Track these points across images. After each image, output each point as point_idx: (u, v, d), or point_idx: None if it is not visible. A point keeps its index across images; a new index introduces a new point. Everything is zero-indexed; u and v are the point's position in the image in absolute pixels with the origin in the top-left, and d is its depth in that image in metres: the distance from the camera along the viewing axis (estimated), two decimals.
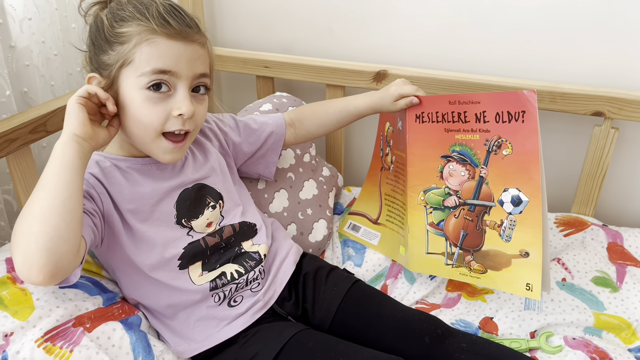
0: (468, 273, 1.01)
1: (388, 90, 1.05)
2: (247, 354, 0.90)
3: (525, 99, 0.87)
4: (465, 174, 0.97)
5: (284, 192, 1.21)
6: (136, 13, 0.83)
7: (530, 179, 0.89)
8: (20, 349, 0.78)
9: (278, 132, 1.12)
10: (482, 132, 0.93)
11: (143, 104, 0.82)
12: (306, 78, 1.37)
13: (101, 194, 0.87)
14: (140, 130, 0.84)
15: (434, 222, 1.04)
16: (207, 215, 0.95)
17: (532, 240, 0.91)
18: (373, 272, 1.18)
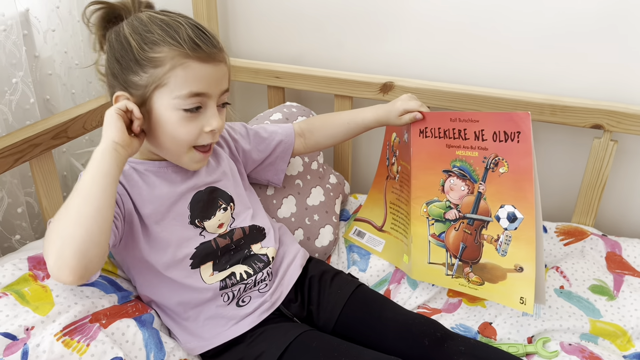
0: (467, 284, 1.05)
1: (394, 105, 1.09)
2: (253, 353, 0.95)
3: (520, 120, 0.92)
4: (464, 189, 1.01)
5: (292, 198, 1.25)
6: (167, 37, 0.86)
7: (525, 197, 0.93)
8: (41, 342, 0.83)
9: (287, 141, 1.16)
10: (480, 150, 0.97)
11: (178, 123, 0.88)
12: (315, 88, 1.41)
13: (123, 196, 0.92)
14: (174, 145, 0.91)
15: (435, 234, 1.08)
16: (219, 216, 1.00)
17: (526, 256, 0.95)
18: (377, 277, 1.22)
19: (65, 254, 0.74)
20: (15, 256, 0.99)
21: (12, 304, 0.87)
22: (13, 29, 1.11)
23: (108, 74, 0.92)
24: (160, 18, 0.89)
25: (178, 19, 0.90)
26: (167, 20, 0.89)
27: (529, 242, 0.95)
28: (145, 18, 0.90)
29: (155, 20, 0.89)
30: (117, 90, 0.90)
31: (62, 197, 1.19)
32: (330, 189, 1.32)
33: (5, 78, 1.13)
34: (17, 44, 1.12)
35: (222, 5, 1.51)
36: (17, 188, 1.19)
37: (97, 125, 1.23)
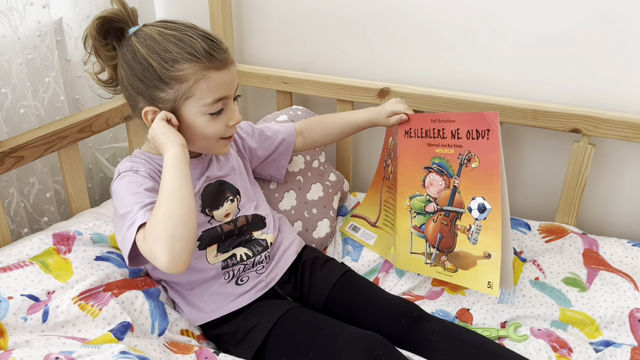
0: (442, 271, 1.14)
1: (383, 107, 1.21)
2: (248, 324, 1.06)
3: (490, 119, 1.02)
4: (442, 184, 1.11)
5: (293, 192, 1.34)
6: (185, 54, 0.94)
7: (493, 189, 1.03)
8: (60, 304, 0.95)
9: (289, 139, 1.27)
10: (456, 147, 1.07)
11: (207, 125, 0.99)
12: (319, 93, 1.52)
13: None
14: (205, 142, 1.02)
15: (417, 226, 1.18)
16: (226, 207, 1.11)
17: (494, 244, 1.05)
18: (368, 266, 1.31)
19: (178, 251, 0.85)
20: (42, 233, 1.12)
21: (36, 271, 1.00)
22: (47, 35, 1.26)
23: (128, 88, 1.00)
24: (170, 34, 0.96)
25: (187, 32, 0.96)
26: (178, 35, 0.96)
27: (495, 230, 1.04)
28: (157, 36, 0.96)
29: (168, 37, 0.95)
30: (142, 104, 0.99)
31: (85, 186, 1.33)
32: (330, 186, 1.41)
33: (40, 78, 1.27)
34: (51, 48, 1.27)
35: (237, 16, 1.63)
36: (46, 175, 1.33)
37: (118, 122, 1.37)
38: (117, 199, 0.97)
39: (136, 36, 0.98)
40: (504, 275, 1.08)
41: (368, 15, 1.47)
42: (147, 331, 1.02)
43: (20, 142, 1.15)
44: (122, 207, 0.94)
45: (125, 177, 0.98)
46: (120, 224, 0.94)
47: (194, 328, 1.10)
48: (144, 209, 0.91)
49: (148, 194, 0.95)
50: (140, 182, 0.97)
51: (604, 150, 1.35)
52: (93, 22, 0.98)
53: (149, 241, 0.86)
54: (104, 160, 1.53)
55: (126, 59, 0.98)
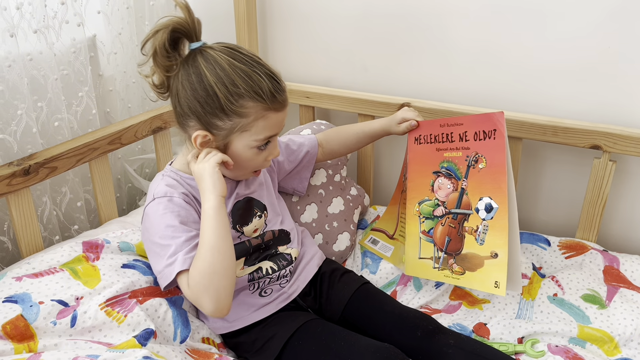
0: (450, 275, 1.15)
1: (395, 115, 1.25)
2: (266, 334, 1.08)
3: (496, 119, 1.04)
4: (450, 187, 1.13)
5: (314, 205, 1.36)
6: (251, 92, 0.96)
7: (499, 188, 1.04)
8: (87, 310, 0.99)
9: (312, 151, 1.30)
10: (464, 150, 1.10)
11: (252, 158, 1.03)
12: (341, 108, 1.55)
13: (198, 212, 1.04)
14: (242, 171, 1.06)
15: (425, 230, 1.19)
16: (255, 222, 1.13)
17: (500, 243, 1.06)
18: (386, 279, 1.33)
19: (223, 300, 0.94)
20: (72, 241, 1.17)
21: (66, 278, 1.05)
22: (81, 52, 1.32)
23: (184, 106, 0.99)
24: (240, 68, 0.97)
25: (256, 68, 0.98)
26: (247, 70, 0.97)
27: (502, 229, 1.05)
28: (227, 66, 0.96)
29: (237, 71, 0.96)
30: (195, 125, 1.00)
31: (114, 196, 1.38)
32: (350, 199, 1.43)
33: (73, 92, 1.33)
34: (84, 64, 1.33)
35: (262, 32, 1.68)
36: (77, 185, 1.39)
37: (146, 135, 1.41)
38: (152, 225, 1.00)
39: (204, 58, 0.98)
40: (511, 274, 1.08)
41: (389, 31, 1.50)
42: (169, 338, 1.06)
43: (54, 153, 1.20)
44: (158, 236, 0.98)
45: (160, 204, 1.01)
46: (156, 251, 0.99)
47: (214, 336, 1.13)
48: (182, 250, 0.96)
49: (184, 228, 0.99)
50: (176, 211, 1.00)
51: (626, 167, 1.35)
52: (163, 31, 0.96)
53: (195, 292, 0.94)
54: (132, 171, 1.58)
55: (190, 80, 0.98)
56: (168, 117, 1.46)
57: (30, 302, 0.97)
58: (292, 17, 1.62)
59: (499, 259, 1.07)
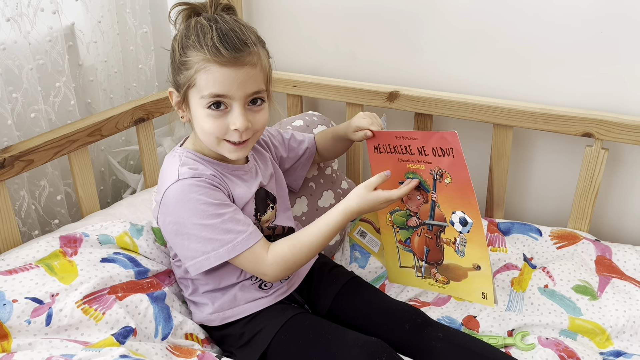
0: (435, 284, 1.14)
1: (351, 122, 1.17)
2: (254, 328, 1.05)
3: (450, 138, 0.98)
4: (420, 198, 1.09)
5: (305, 199, 1.32)
6: (196, 43, 0.94)
7: (470, 204, 1.01)
8: (63, 307, 0.96)
9: (311, 149, 1.25)
10: (426, 163, 1.04)
11: (206, 119, 0.96)
12: (329, 97, 1.51)
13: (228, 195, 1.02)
14: (205, 137, 0.99)
15: (402, 240, 1.17)
16: (269, 213, 1.10)
17: (481, 256, 1.04)
18: (375, 273, 1.31)
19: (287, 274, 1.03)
20: (49, 236, 1.14)
21: (41, 274, 1.01)
22: (58, 40, 1.28)
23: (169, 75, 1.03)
24: (205, 24, 0.95)
25: (218, 24, 0.95)
26: (205, 25, 0.95)
27: (480, 243, 1.03)
28: (194, 23, 0.96)
29: (197, 26, 0.96)
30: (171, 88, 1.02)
31: (96, 189, 1.34)
32: (341, 193, 1.39)
33: (50, 83, 1.29)
34: (61, 53, 1.29)
35: (248, 19, 1.64)
36: (57, 179, 1.35)
37: (127, 126, 1.38)
38: (184, 208, 0.97)
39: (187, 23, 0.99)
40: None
41: (378, 18, 1.47)
42: (150, 335, 1.03)
43: (30, 146, 1.17)
44: (197, 217, 0.96)
45: (190, 184, 0.97)
46: (196, 234, 0.97)
47: (199, 331, 1.10)
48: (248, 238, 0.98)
49: (225, 204, 0.99)
50: (210, 194, 0.98)
51: (618, 155, 1.32)
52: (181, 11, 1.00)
53: (276, 268, 0.99)
54: (115, 164, 1.54)
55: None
56: (151, 108, 1.43)
57: (4, 300, 0.94)
58: (279, 4, 1.58)
59: (482, 271, 1.05)
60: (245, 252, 0.97)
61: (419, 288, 1.21)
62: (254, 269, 1.00)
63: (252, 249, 0.97)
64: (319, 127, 1.41)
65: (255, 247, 0.98)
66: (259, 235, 0.99)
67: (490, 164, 1.40)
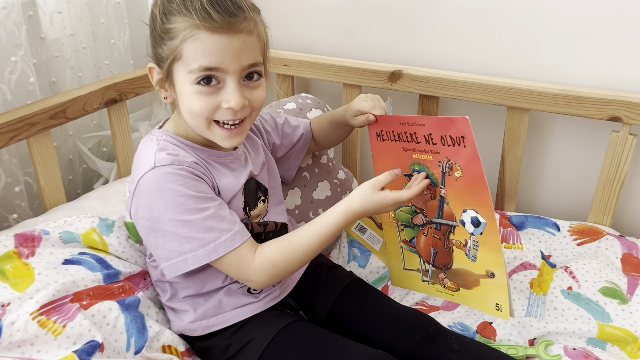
0: (443, 290, 1.01)
1: (350, 105, 1.04)
2: (242, 339, 0.92)
3: (461, 125, 0.85)
4: (427, 193, 0.96)
5: (298, 190, 1.21)
6: (182, 7, 0.81)
7: (483, 201, 0.87)
8: (16, 320, 0.81)
9: (307, 136, 1.14)
10: (433, 154, 0.92)
11: (194, 97, 0.82)
12: (323, 77, 1.39)
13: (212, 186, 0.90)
14: (192, 119, 0.86)
15: (406, 239, 1.04)
16: (260, 207, 0.98)
17: (495, 262, 0.90)
18: (377, 274, 1.18)
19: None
20: (3, 234, 0.98)
21: None
22: (14, 8, 1.11)
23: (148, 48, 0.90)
24: None
25: None
26: None
27: (495, 247, 0.89)
28: None
29: None
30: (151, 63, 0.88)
31: (60, 179, 1.19)
32: (338, 184, 1.29)
33: (6, 57, 1.13)
34: (17, 23, 1.12)
35: None
36: (16, 167, 1.19)
37: (97, 108, 1.23)
38: (160, 200, 0.84)
39: None
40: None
41: None
42: (120, 349, 0.88)
43: None
44: (175, 212, 0.83)
45: (167, 173, 0.84)
46: (174, 231, 0.84)
47: (178, 343, 0.96)
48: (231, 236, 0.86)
49: (209, 197, 0.86)
50: (191, 185, 0.85)
51: None
52: None
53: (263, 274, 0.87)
54: (86, 150, 1.39)
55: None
56: (125, 88, 1.28)
57: None
58: None
59: (496, 279, 0.92)
60: (229, 254, 0.84)
61: (424, 294, 1.09)
62: (239, 274, 0.87)
63: (237, 251, 0.85)
64: (314, 110, 1.29)
65: (240, 249, 0.85)
66: (246, 235, 0.87)
67: (503, 152, 1.28)
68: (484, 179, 0.85)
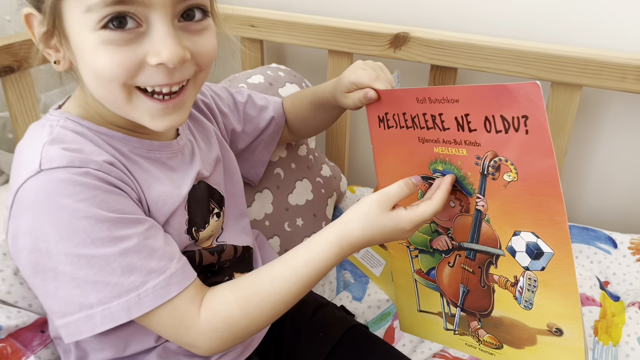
0: (477, 345, 0.72)
1: (342, 76, 0.78)
2: None
3: (526, 96, 0.58)
4: (455, 205, 0.67)
5: (268, 193, 0.99)
6: None
7: (552, 220, 0.59)
8: None
9: (279, 121, 0.89)
10: (469, 146, 0.63)
11: (100, 51, 0.55)
12: (303, 41, 1.15)
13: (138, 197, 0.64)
14: (102, 89, 0.58)
15: (422, 270, 0.76)
16: (212, 225, 0.73)
17: (566, 312, 0.62)
18: (377, 309, 0.92)
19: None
20: None
21: None
22: None
23: None
24: None
25: None
26: None
27: (567, 290, 0.61)
28: None
29: None
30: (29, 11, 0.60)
31: None
32: (322, 183, 1.09)
33: None
34: None
35: None
36: None
37: None
38: (51, 222, 0.57)
39: None
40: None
41: None
42: None
43: None
44: (73, 244, 0.57)
45: (61, 181, 0.57)
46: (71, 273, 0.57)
47: None
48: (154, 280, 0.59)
49: (128, 218, 0.59)
50: (102, 198, 0.58)
51: None
52: None
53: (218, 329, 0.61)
54: None
55: None
56: (25, 52, 0.98)
57: None
58: None
59: (566, 339, 0.63)
60: (160, 308, 0.59)
61: (450, 347, 0.82)
62: (175, 336, 0.62)
63: (172, 304, 0.59)
64: (288, 86, 1.08)
65: (178, 301, 0.60)
66: (189, 278, 0.61)
67: None
68: (557, 186, 0.57)
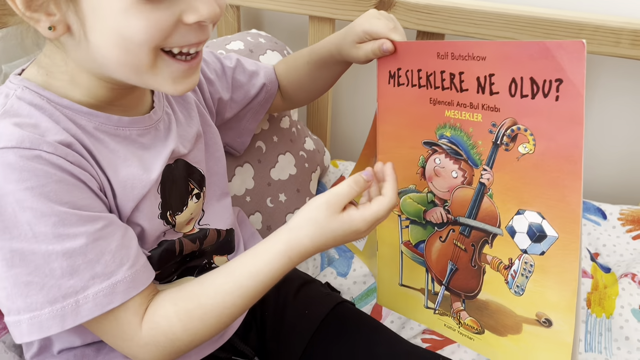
0: (457, 327, 0.68)
1: (353, 26, 0.70)
2: None
3: (566, 55, 0.51)
4: (457, 175, 0.62)
5: (249, 167, 0.94)
6: None
7: (564, 200, 0.54)
8: None
9: (271, 88, 0.83)
10: (487, 110, 0.57)
11: (133, 15, 0.49)
12: (283, 7, 1.08)
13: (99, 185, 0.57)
14: (127, 55, 0.51)
15: (410, 242, 0.71)
16: (191, 207, 0.67)
17: (559, 303, 0.57)
18: (363, 284, 0.88)
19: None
20: None
21: None
22: None
23: None
24: None
25: None
26: None
27: (566, 279, 0.56)
28: None
29: None
30: None
31: None
32: (305, 157, 1.03)
33: None
34: None
35: None
36: None
37: None
38: None
39: None
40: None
41: None
42: None
43: None
44: (10, 255, 0.50)
45: (7, 164, 0.50)
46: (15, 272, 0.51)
47: None
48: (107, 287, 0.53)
49: (79, 215, 0.52)
50: (51, 188, 0.51)
51: None
52: None
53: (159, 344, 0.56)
54: None
55: None
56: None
57: None
58: None
59: (554, 331, 0.58)
60: (100, 317, 0.53)
61: (427, 327, 0.77)
62: (115, 345, 0.57)
63: (113, 315, 0.54)
64: (269, 53, 1.01)
65: (121, 312, 0.54)
66: (137, 287, 0.55)
67: None
68: (579, 162, 0.51)
